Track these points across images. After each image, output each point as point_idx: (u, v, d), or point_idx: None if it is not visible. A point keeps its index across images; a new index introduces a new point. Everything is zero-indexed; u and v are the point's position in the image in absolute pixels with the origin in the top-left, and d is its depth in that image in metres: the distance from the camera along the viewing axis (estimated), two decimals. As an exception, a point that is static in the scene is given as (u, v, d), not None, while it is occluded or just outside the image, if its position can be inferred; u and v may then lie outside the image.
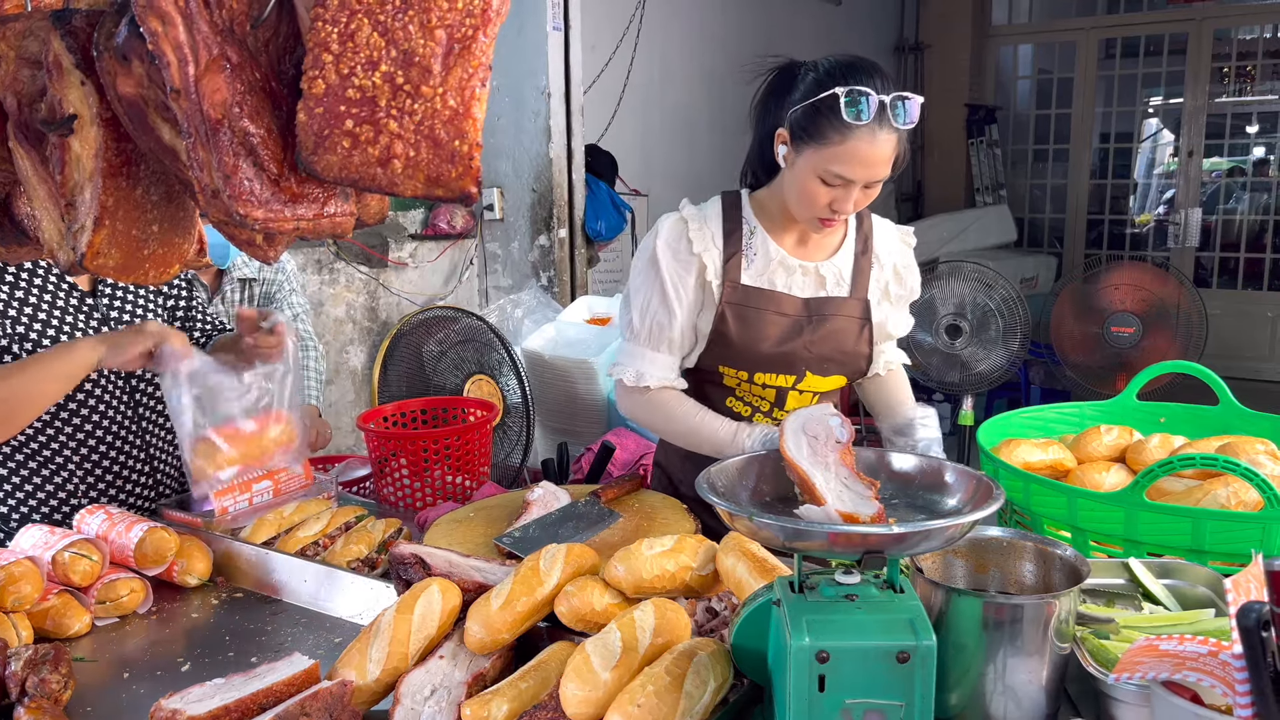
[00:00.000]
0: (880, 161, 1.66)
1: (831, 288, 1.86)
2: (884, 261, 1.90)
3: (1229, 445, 1.73)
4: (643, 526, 1.68)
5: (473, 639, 1.23)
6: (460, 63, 0.90)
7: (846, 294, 1.86)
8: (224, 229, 1.10)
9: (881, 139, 1.64)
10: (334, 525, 1.82)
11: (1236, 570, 1.12)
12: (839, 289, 1.86)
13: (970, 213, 7.76)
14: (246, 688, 1.16)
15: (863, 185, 1.69)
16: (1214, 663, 0.97)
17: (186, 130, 0.96)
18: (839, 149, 1.65)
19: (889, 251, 1.91)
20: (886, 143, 1.65)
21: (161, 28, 0.92)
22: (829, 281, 1.85)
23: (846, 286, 1.86)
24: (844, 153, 1.64)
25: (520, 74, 4.28)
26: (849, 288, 1.87)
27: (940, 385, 5.23)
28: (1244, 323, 7.60)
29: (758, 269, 1.83)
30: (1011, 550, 1.28)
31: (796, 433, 1.23)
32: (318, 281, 3.98)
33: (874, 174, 1.67)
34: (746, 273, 1.82)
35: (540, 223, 4.42)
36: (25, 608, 1.47)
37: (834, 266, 1.86)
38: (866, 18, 7.74)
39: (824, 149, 1.66)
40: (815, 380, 1.87)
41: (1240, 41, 7.90)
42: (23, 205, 1.34)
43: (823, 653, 1.01)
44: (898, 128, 1.64)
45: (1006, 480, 1.72)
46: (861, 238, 1.89)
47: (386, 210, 1.19)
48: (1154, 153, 8.82)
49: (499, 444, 3.52)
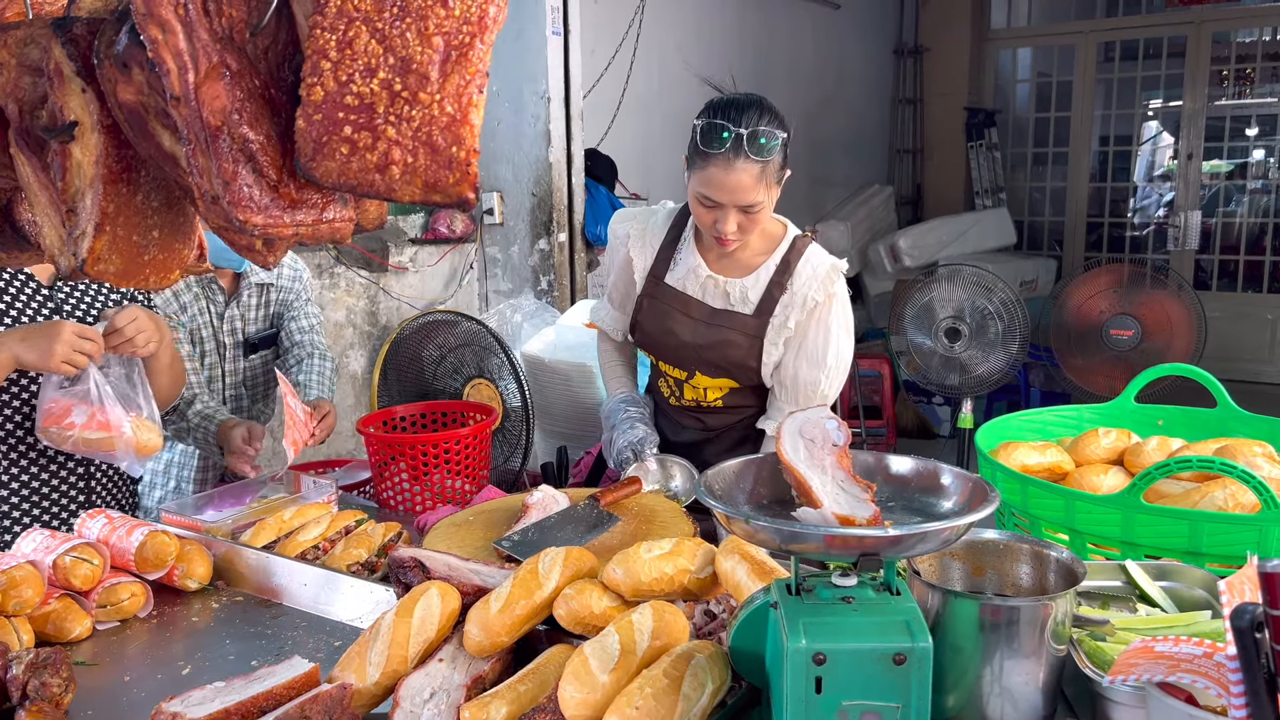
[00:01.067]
0: (739, 188, 1.85)
1: (735, 303, 2.04)
2: (796, 294, 2.00)
3: (1226, 448, 1.74)
4: (641, 530, 1.69)
5: (472, 642, 1.23)
6: (457, 69, 0.90)
7: (749, 312, 2.03)
8: (223, 234, 1.10)
9: (739, 167, 1.83)
10: (334, 529, 1.82)
11: (1234, 572, 1.13)
12: (742, 306, 2.03)
13: (969, 216, 7.77)
14: (247, 691, 1.17)
15: (736, 208, 1.87)
16: (1209, 664, 0.97)
17: (186, 137, 0.97)
18: (703, 173, 1.88)
19: (807, 287, 2.00)
20: (744, 171, 1.83)
21: (161, 35, 0.93)
22: (733, 297, 2.04)
23: (751, 306, 2.03)
24: (706, 177, 1.87)
25: (520, 79, 4.29)
26: (752, 307, 2.03)
27: (939, 388, 5.24)
28: (1243, 325, 7.60)
29: (679, 273, 2.09)
30: (1008, 552, 1.29)
31: (793, 436, 1.24)
32: (318, 286, 3.99)
33: (738, 198, 1.86)
34: (671, 274, 2.10)
35: (540, 227, 4.43)
36: (26, 611, 1.48)
37: (741, 285, 2.03)
38: (866, 21, 7.75)
39: (696, 173, 1.91)
40: (704, 379, 2.10)
41: (1239, 44, 7.91)
42: (24, 211, 1.34)
43: (819, 655, 1.01)
44: (754, 158, 1.82)
45: (1004, 483, 1.73)
46: (782, 266, 2.02)
47: (385, 215, 1.20)
48: (1153, 155, 8.83)
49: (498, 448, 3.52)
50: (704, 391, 2.13)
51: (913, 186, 8.51)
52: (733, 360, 2.05)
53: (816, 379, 2.02)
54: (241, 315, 2.51)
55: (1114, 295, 5.43)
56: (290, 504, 1.97)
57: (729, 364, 2.06)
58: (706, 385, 2.11)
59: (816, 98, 7.09)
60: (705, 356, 2.07)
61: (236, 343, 2.51)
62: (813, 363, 2.02)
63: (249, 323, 2.55)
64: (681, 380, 2.14)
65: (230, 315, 2.49)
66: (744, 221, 1.91)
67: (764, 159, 1.84)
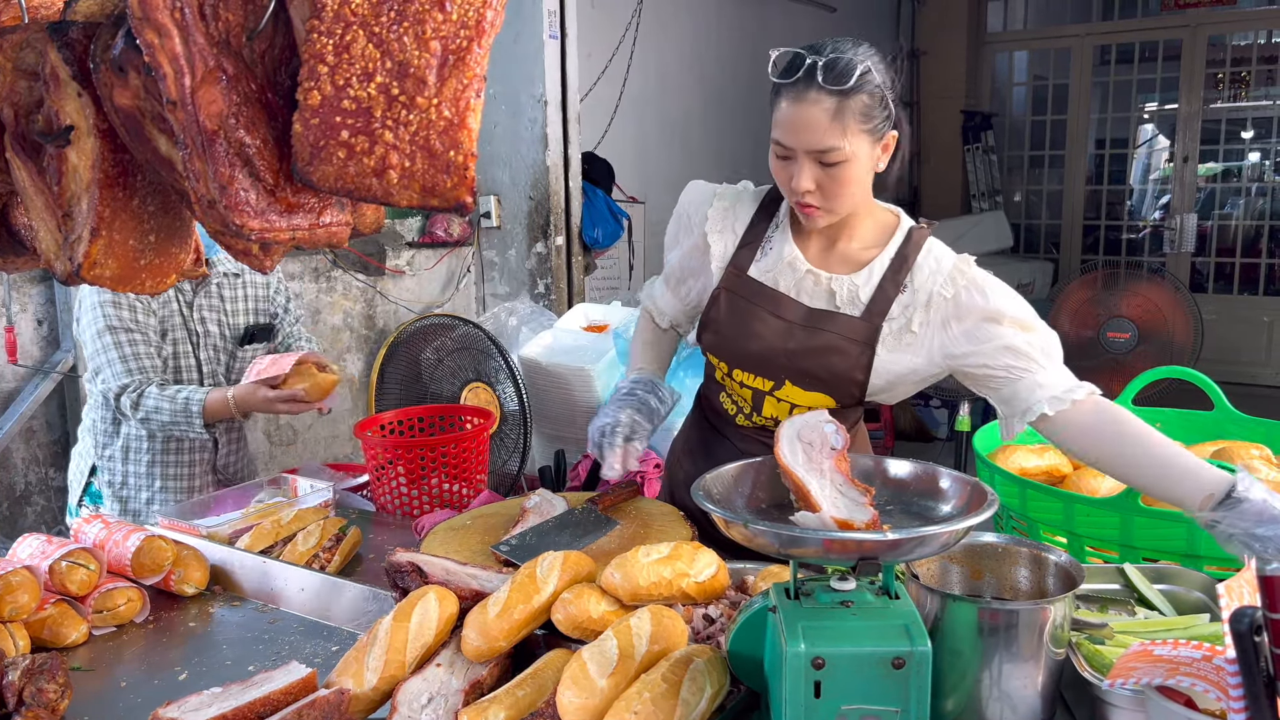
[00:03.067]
0: (809, 125, 1.55)
1: (842, 304, 1.70)
2: (919, 291, 1.67)
3: (1224, 450, 1.74)
4: (639, 534, 1.68)
5: (470, 647, 1.23)
6: (455, 74, 0.90)
7: (857, 314, 1.68)
8: (220, 239, 1.10)
9: (809, 99, 1.55)
10: (327, 536, 1.83)
11: (1231, 575, 1.13)
12: (851, 307, 1.69)
13: (966, 219, 7.78)
14: (244, 696, 1.16)
15: (812, 159, 1.58)
16: (1208, 668, 0.97)
17: (183, 141, 0.97)
18: (777, 115, 1.60)
19: (931, 282, 1.67)
20: (816, 104, 1.54)
21: (158, 40, 0.93)
22: (839, 297, 1.70)
23: (859, 307, 1.68)
24: (779, 117, 1.60)
25: (517, 82, 4.29)
26: (861, 309, 1.68)
27: (937, 391, 5.24)
28: (1240, 328, 7.62)
29: (766, 265, 1.75)
30: (1006, 556, 1.29)
31: (792, 440, 1.24)
32: (315, 290, 3.98)
33: (808, 140, 1.56)
34: (756, 265, 1.76)
35: (537, 230, 4.43)
36: (22, 617, 1.47)
37: (850, 283, 1.69)
38: (863, 24, 7.76)
39: (773, 119, 1.62)
40: (795, 392, 1.74)
41: (1235, 48, 7.94)
42: (20, 216, 1.34)
43: (818, 659, 1.01)
44: (827, 88, 1.53)
45: (1003, 486, 1.73)
46: (898, 261, 1.69)
47: (383, 220, 1.20)
48: (1149, 158, 8.85)
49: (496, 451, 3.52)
50: (790, 410, 1.75)
51: (909, 189, 8.52)
52: (835, 371, 1.68)
53: (1017, 345, 1.61)
54: (210, 305, 2.51)
55: (1110, 298, 5.44)
56: (287, 509, 1.96)
57: (830, 375, 1.69)
58: (796, 401, 1.74)
59: (813, 101, 7.10)
60: (800, 365, 1.70)
61: (207, 331, 2.51)
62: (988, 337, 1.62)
63: (232, 315, 2.56)
64: (764, 392, 1.76)
65: (198, 304, 2.49)
66: (824, 180, 1.59)
67: (840, 88, 1.53)
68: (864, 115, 1.57)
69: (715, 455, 1.86)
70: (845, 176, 1.59)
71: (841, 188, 1.61)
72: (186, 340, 2.49)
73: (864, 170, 1.62)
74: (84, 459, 2.59)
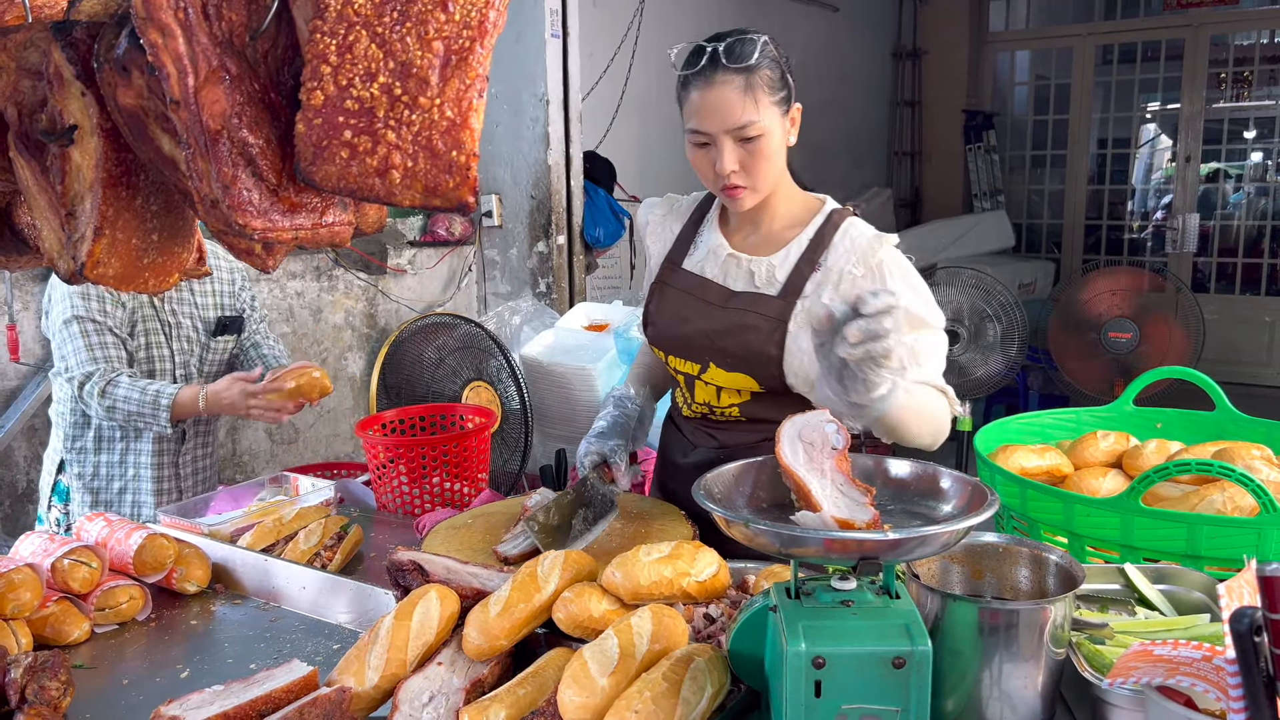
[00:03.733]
0: (723, 105, 1.63)
1: (760, 284, 1.76)
2: (831, 270, 1.71)
3: (1225, 450, 1.74)
4: (640, 533, 1.69)
5: (471, 645, 1.23)
6: (457, 74, 0.91)
7: (774, 293, 1.74)
8: (223, 239, 1.10)
9: (719, 80, 1.63)
10: (328, 535, 1.83)
11: (1232, 575, 1.13)
12: (769, 287, 1.75)
13: (968, 218, 7.78)
14: (245, 694, 1.17)
15: (732, 139, 1.65)
16: (1208, 668, 0.97)
17: (186, 141, 0.97)
18: (688, 106, 1.68)
19: (844, 260, 1.71)
20: (726, 84, 1.63)
21: (161, 40, 0.93)
22: (757, 277, 1.76)
23: (776, 286, 1.74)
24: (692, 107, 1.67)
25: (519, 81, 4.30)
26: (779, 288, 1.74)
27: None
28: (1242, 328, 7.62)
29: (697, 257, 1.84)
30: (1007, 556, 1.29)
31: (793, 439, 1.24)
32: (317, 288, 3.99)
33: (725, 120, 1.64)
34: (689, 259, 1.86)
35: (539, 229, 4.43)
36: (25, 615, 1.48)
37: (767, 264, 1.76)
38: (865, 24, 7.76)
39: (683, 112, 1.69)
40: (718, 374, 1.79)
41: (1237, 47, 7.93)
42: (23, 215, 1.35)
43: (819, 658, 1.01)
44: (733, 67, 1.62)
45: (1003, 486, 1.73)
46: (816, 240, 1.75)
47: (385, 219, 1.20)
48: (1151, 158, 8.85)
49: (497, 450, 3.52)
50: (718, 393, 1.82)
51: (911, 189, 8.51)
52: (751, 349, 1.73)
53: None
54: (179, 297, 2.52)
55: (1112, 298, 5.44)
56: (289, 507, 1.97)
57: (746, 353, 1.74)
58: (721, 383, 1.80)
59: (815, 100, 7.06)
60: (720, 344, 1.76)
61: (179, 323, 2.52)
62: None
63: (203, 308, 2.57)
64: (694, 376, 1.83)
65: (168, 296, 2.49)
66: (746, 158, 1.66)
67: (745, 65, 1.62)
68: (771, 87, 1.66)
69: (669, 447, 1.99)
70: (764, 151, 1.67)
71: (762, 163, 1.68)
72: (159, 331, 2.49)
73: (779, 144, 1.69)
74: (51, 459, 2.58)
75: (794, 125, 1.72)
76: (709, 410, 1.85)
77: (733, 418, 1.83)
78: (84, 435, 2.50)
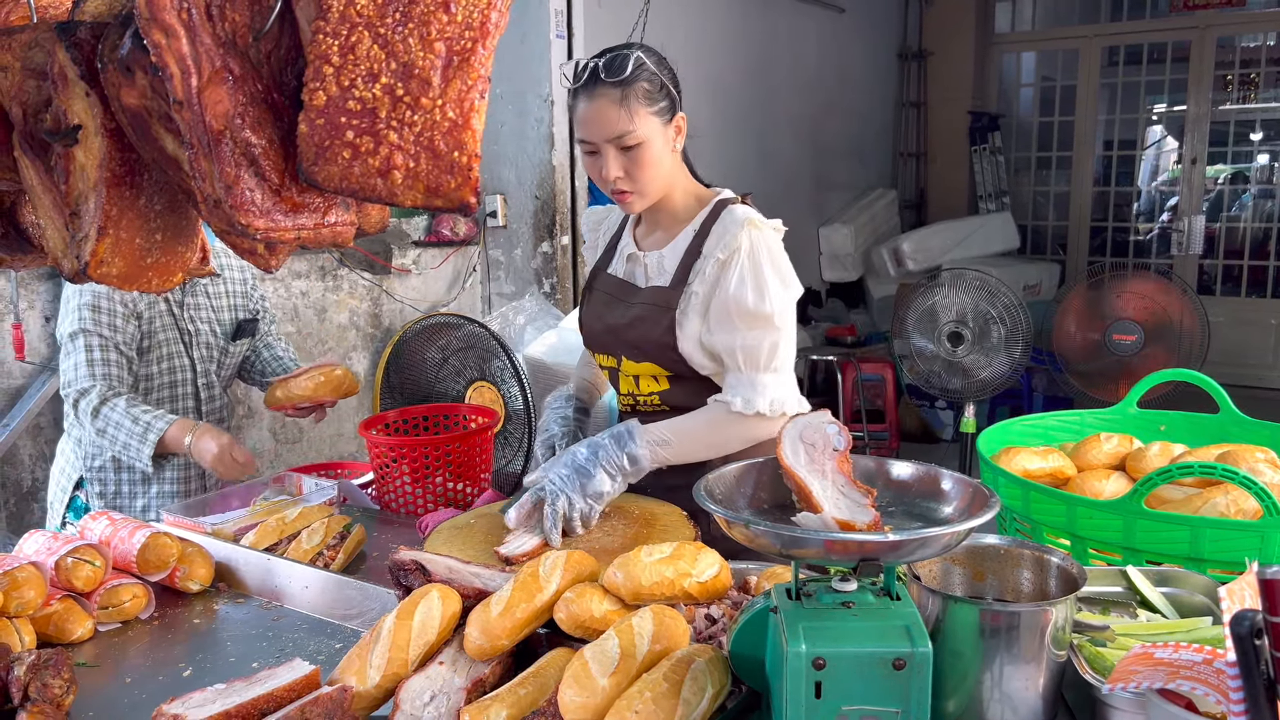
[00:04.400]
0: (602, 117, 1.75)
1: (654, 276, 1.89)
2: (706, 256, 1.81)
3: (1229, 453, 1.73)
4: (642, 534, 1.69)
5: (472, 645, 1.23)
6: (459, 75, 0.91)
7: (665, 284, 1.85)
8: (226, 238, 1.11)
9: (598, 94, 1.75)
10: (331, 534, 1.83)
11: (1235, 578, 1.13)
12: (661, 278, 1.87)
13: (973, 220, 7.77)
14: (247, 693, 1.17)
15: (614, 147, 1.76)
16: (1208, 671, 0.97)
17: (189, 141, 0.97)
18: (575, 116, 1.81)
19: (713, 245, 1.80)
20: (604, 96, 1.74)
21: (165, 40, 0.93)
22: (652, 270, 1.89)
23: (667, 277, 1.86)
24: (577, 117, 1.80)
25: (523, 81, 4.30)
26: (669, 278, 1.85)
27: (942, 392, 5.23)
28: (1247, 330, 7.59)
29: (616, 261, 1.99)
30: (1009, 558, 1.29)
31: (794, 440, 1.24)
32: (321, 288, 3.99)
33: (605, 130, 1.75)
34: (613, 264, 1.99)
35: (543, 229, 4.43)
36: (28, 613, 1.48)
37: (657, 256, 1.88)
38: (870, 25, 7.76)
39: (572, 122, 1.83)
40: (629, 364, 1.91)
41: (1244, 49, 7.91)
42: (27, 214, 1.35)
43: (819, 659, 1.01)
44: (609, 81, 1.73)
45: (1006, 488, 1.73)
46: (701, 231, 1.84)
47: (387, 219, 1.20)
48: (1157, 160, 8.83)
49: (500, 451, 3.53)
50: (635, 382, 1.92)
51: (916, 190, 8.51)
52: (649, 338, 1.85)
53: (730, 343, 1.76)
54: (197, 304, 2.51)
55: (1117, 300, 5.42)
56: (292, 506, 1.97)
57: (645, 342, 1.86)
58: (635, 373, 1.91)
59: (820, 101, 7.10)
60: (624, 337, 1.89)
61: (198, 330, 2.51)
62: (722, 322, 1.77)
63: (219, 311, 2.56)
64: (615, 370, 1.95)
65: (188, 304, 2.48)
66: (629, 165, 1.77)
67: (619, 78, 1.72)
68: (647, 98, 1.76)
69: None
70: (645, 158, 1.78)
71: (644, 169, 1.79)
72: (179, 341, 2.47)
73: (660, 150, 1.80)
74: (66, 475, 2.53)
75: (679, 134, 1.84)
76: (634, 401, 1.96)
77: (655, 406, 1.93)
78: (103, 454, 2.44)
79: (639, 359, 1.89)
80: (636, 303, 1.89)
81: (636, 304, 1.89)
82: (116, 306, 2.36)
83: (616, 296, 1.94)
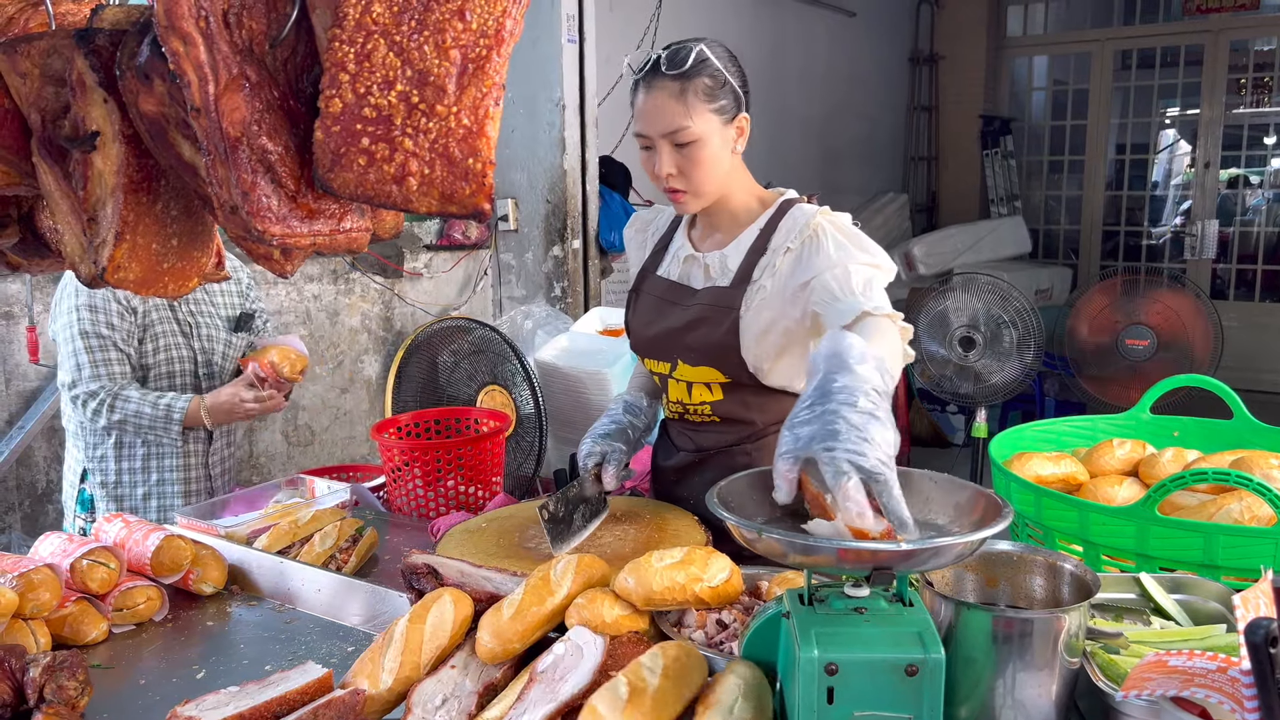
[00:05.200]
0: (659, 110, 1.70)
1: (715, 277, 1.81)
2: (775, 251, 1.76)
3: (1242, 460, 1.72)
4: (653, 538, 1.69)
5: (484, 649, 1.24)
6: (474, 82, 0.91)
7: (726, 284, 1.79)
8: (242, 244, 1.11)
9: (656, 86, 1.70)
10: (344, 537, 1.84)
11: (1249, 585, 1.12)
12: (723, 279, 1.80)
13: (985, 224, 7.75)
14: (260, 695, 1.17)
15: (668, 143, 1.71)
16: (1223, 679, 0.97)
17: (206, 148, 0.98)
18: (635, 109, 1.75)
19: (782, 239, 1.76)
20: (662, 89, 1.69)
21: (183, 48, 0.94)
22: (712, 270, 1.82)
23: (729, 276, 1.79)
24: (636, 110, 1.74)
25: (535, 86, 4.31)
26: (731, 278, 1.79)
27: (954, 397, 5.22)
28: (1261, 335, 7.55)
29: (667, 262, 1.92)
30: (1021, 564, 1.29)
31: (806, 446, 1.23)
32: (333, 291, 4.01)
33: (660, 124, 1.70)
34: (662, 266, 1.93)
35: (554, 234, 4.44)
36: (43, 615, 1.49)
37: (719, 256, 1.82)
38: (881, 28, 7.75)
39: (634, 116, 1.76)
40: (686, 369, 1.84)
41: (1257, 53, 7.88)
42: (45, 219, 1.36)
43: (831, 665, 1.01)
44: (669, 74, 1.69)
45: (1018, 494, 1.72)
46: (766, 230, 1.79)
47: (401, 225, 1.21)
48: (1170, 164, 8.80)
49: (511, 454, 3.53)
50: (687, 390, 1.85)
51: (928, 194, 8.49)
52: (710, 340, 1.78)
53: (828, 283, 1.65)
54: (194, 297, 2.54)
55: (1129, 305, 5.40)
56: (305, 509, 1.98)
57: (705, 345, 1.79)
58: (690, 379, 1.83)
59: (831, 105, 7.10)
60: (683, 341, 1.81)
61: (197, 324, 2.54)
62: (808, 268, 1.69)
63: (219, 307, 2.59)
64: (666, 375, 1.88)
65: (185, 298, 2.52)
66: (682, 163, 1.72)
67: (680, 71, 1.67)
68: (706, 95, 1.70)
69: (657, 450, 2.04)
70: (699, 156, 1.71)
71: (698, 168, 1.73)
72: (177, 333, 2.51)
73: (718, 150, 1.73)
74: (73, 470, 2.59)
75: (741, 135, 1.77)
76: (684, 409, 1.89)
77: (705, 416, 1.86)
78: (104, 443, 2.50)
79: (696, 362, 1.82)
80: (694, 304, 1.82)
81: (694, 305, 1.81)
82: (112, 305, 2.40)
83: (668, 299, 1.87)
